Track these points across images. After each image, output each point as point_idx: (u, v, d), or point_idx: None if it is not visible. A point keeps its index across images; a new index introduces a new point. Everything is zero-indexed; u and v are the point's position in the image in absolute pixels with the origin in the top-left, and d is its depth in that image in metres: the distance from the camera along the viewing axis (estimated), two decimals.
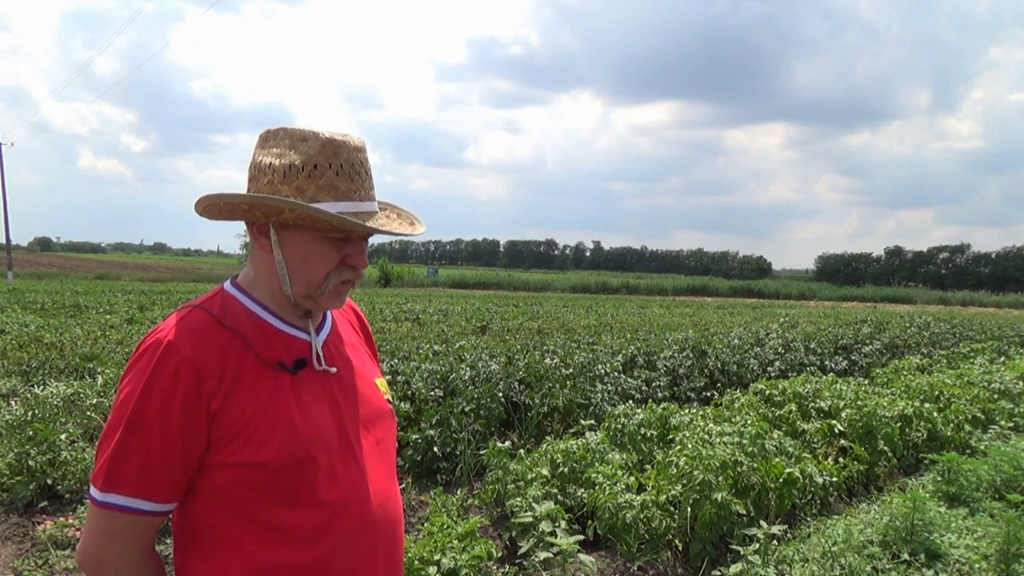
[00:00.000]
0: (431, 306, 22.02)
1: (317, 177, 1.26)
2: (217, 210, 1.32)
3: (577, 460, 4.69)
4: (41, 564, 3.93)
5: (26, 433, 5.08)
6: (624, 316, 20.93)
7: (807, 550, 3.99)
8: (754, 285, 71.90)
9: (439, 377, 6.61)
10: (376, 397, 1.48)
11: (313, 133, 1.28)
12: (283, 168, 1.26)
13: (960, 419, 6.28)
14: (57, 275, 47.59)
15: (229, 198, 1.27)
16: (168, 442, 1.20)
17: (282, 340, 1.35)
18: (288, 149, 1.28)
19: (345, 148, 1.28)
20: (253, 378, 1.27)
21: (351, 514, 1.31)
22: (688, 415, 5.67)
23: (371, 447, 1.40)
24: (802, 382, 7.14)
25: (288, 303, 1.37)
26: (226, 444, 1.23)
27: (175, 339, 1.24)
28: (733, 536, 4.04)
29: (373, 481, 1.37)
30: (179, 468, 1.23)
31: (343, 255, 1.32)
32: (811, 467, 4.82)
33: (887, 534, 4.12)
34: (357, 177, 1.29)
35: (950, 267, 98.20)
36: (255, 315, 1.35)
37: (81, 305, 18.51)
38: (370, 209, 1.31)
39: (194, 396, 1.21)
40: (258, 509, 1.25)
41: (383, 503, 1.38)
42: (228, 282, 1.40)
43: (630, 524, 3.98)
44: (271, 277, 1.35)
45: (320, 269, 1.31)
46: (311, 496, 1.27)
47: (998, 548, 3.79)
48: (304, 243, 1.29)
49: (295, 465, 1.25)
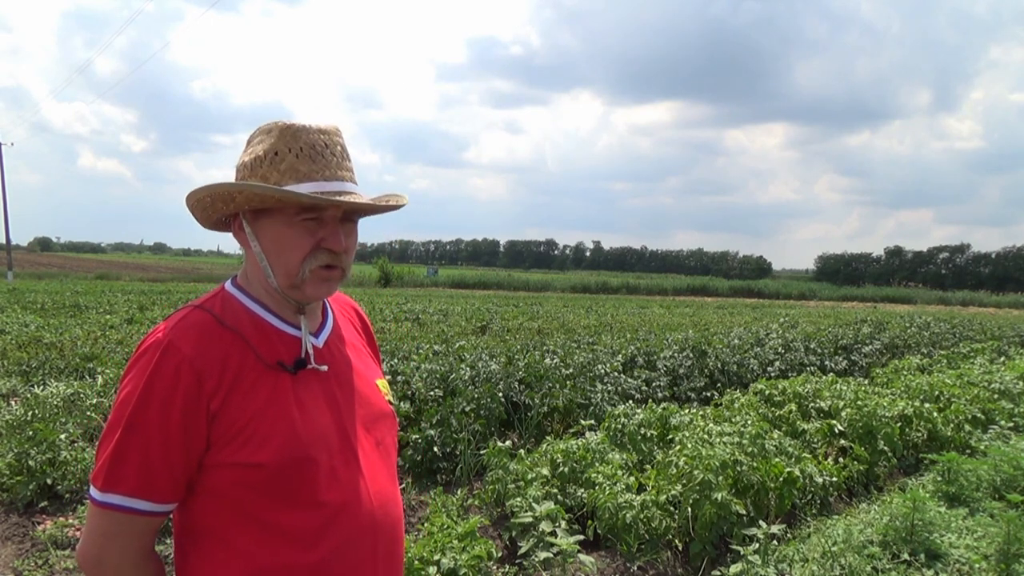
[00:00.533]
0: (431, 306, 22.02)
1: (278, 163, 1.26)
2: (202, 213, 1.33)
3: (577, 460, 4.69)
4: (41, 564, 3.93)
5: (26, 433, 5.08)
6: (624, 316, 20.93)
7: (807, 550, 3.99)
8: (754, 285, 71.91)
9: (439, 377, 6.61)
10: (377, 398, 1.47)
11: (276, 123, 1.29)
12: (251, 162, 1.29)
13: (960, 419, 6.28)
14: (57, 275, 47.60)
15: (197, 194, 1.29)
16: (168, 442, 1.20)
17: (282, 340, 1.35)
18: (257, 144, 1.30)
19: (304, 131, 1.28)
20: (253, 378, 1.27)
21: (351, 515, 1.30)
22: (688, 415, 5.66)
23: (371, 448, 1.40)
24: (802, 382, 7.14)
25: (281, 298, 1.36)
26: (226, 444, 1.23)
27: (176, 339, 1.24)
28: (733, 536, 4.04)
29: (373, 482, 1.36)
30: (179, 468, 1.23)
31: (318, 239, 1.30)
32: (811, 467, 4.82)
33: (887, 534, 4.12)
34: (320, 158, 1.28)
35: (950, 267, 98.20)
36: (255, 314, 1.35)
37: (81, 305, 18.51)
38: (338, 188, 1.28)
39: (194, 396, 1.21)
40: (258, 509, 1.25)
41: (383, 504, 1.38)
42: (229, 281, 1.41)
43: (630, 524, 3.98)
44: (258, 272, 1.35)
45: (295, 254, 1.29)
46: (311, 497, 1.26)
47: (998, 548, 3.79)
48: (275, 229, 1.29)
49: (295, 465, 1.25)
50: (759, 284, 73.90)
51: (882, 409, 5.96)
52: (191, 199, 1.31)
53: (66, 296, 22.41)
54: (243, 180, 1.29)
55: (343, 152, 1.33)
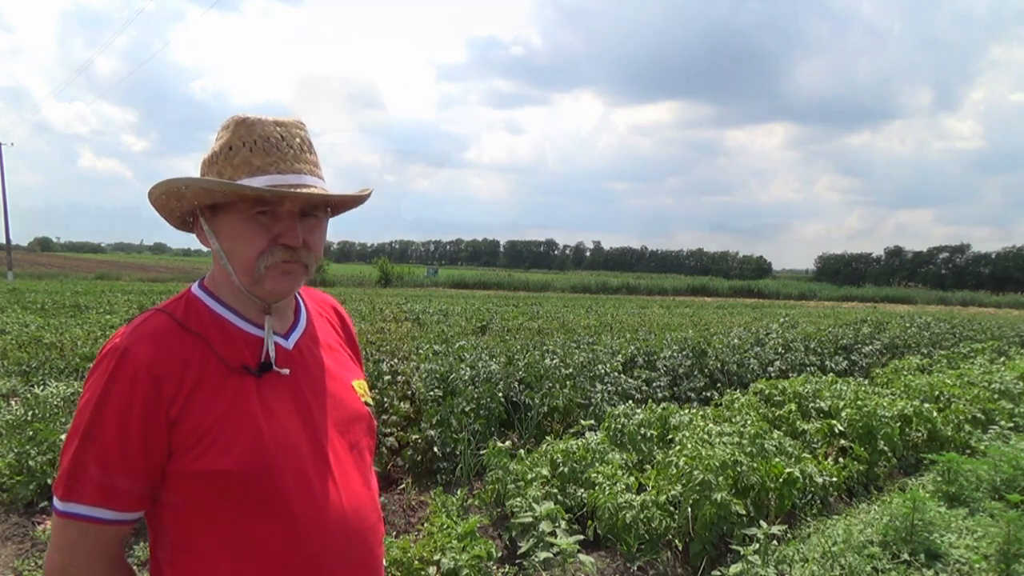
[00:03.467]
0: (431, 306, 22.01)
1: (232, 157, 1.24)
2: (164, 211, 1.31)
3: (577, 460, 4.69)
4: (41, 564, 3.93)
5: (26, 433, 5.09)
6: (624, 316, 20.92)
7: (807, 550, 3.99)
8: (754, 285, 71.89)
9: (439, 377, 6.61)
10: (352, 399, 1.43)
11: (232, 118, 1.27)
12: (209, 158, 1.28)
13: (960, 419, 6.28)
14: (57, 275, 47.59)
15: (154, 191, 1.26)
16: (126, 450, 1.18)
17: (248, 342, 1.31)
18: (216, 140, 1.29)
19: (260, 124, 1.26)
20: (216, 383, 1.24)
21: (324, 524, 1.27)
22: (688, 415, 5.67)
23: (345, 452, 1.36)
24: (802, 382, 7.14)
25: (246, 297, 1.33)
26: (187, 451, 1.20)
27: (132, 344, 1.21)
28: (733, 536, 4.04)
29: (346, 489, 1.33)
30: (139, 476, 1.20)
31: (274, 234, 1.26)
32: (811, 467, 4.82)
33: (887, 534, 4.12)
34: (275, 151, 1.25)
35: (950, 267, 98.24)
36: (219, 316, 1.31)
37: (81, 305, 18.50)
38: (295, 181, 1.25)
39: (153, 402, 1.18)
40: (227, 519, 1.22)
41: (357, 511, 1.34)
42: (196, 284, 1.38)
43: (630, 524, 3.98)
44: (222, 272, 1.32)
45: (250, 250, 1.26)
46: (282, 506, 1.23)
47: (998, 548, 3.79)
48: (230, 226, 1.26)
49: (262, 473, 1.22)
50: (759, 284, 73.89)
51: (882, 409, 5.96)
52: (151, 197, 1.28)
53: (66, 296, 22.40)
54: (202, 175, 1.27)
55: (302, 145, 1.29)
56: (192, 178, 1.22)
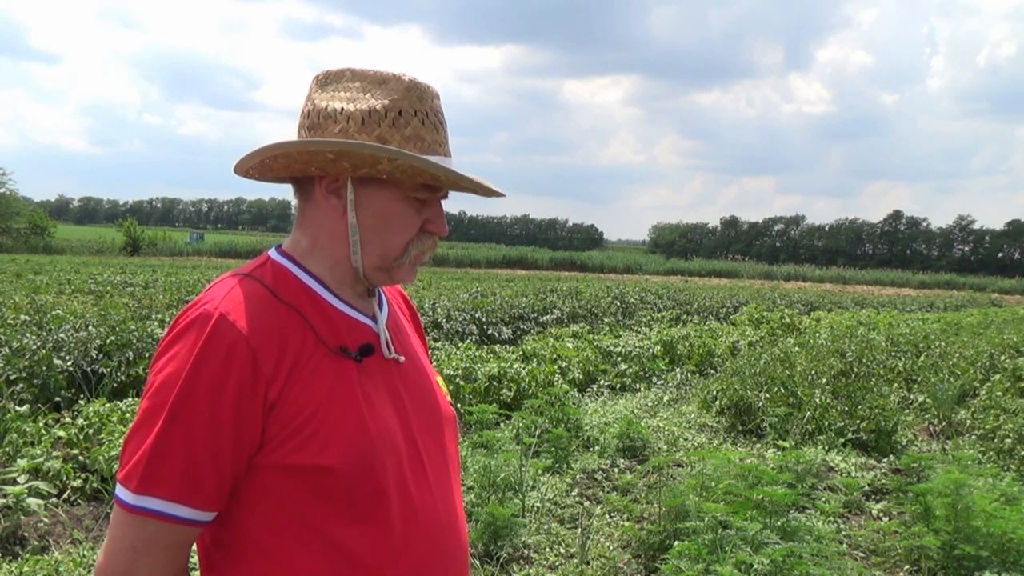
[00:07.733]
0: (136, 278, 21.62)
1: (403, 125, 1.22)
2: (281, 164, 1.25)
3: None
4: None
5: None
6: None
7: None
8: (578, 257, 75.99)
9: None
10: (440, 397, 1.43)
11: (393, 75, 1.25)
12: (360, 114, 1.22)
13: (543, 377, 8.04)
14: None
15: (307, 145, 1.20)
16: (217, 436, 1.12)
17: (345, 322, 1.28)
18: (362, 92, 1.25)
19: (428, 94, 1.26)
20: (315, 364, 1.20)
21: (423, 536, 1.25)
22: None
23: (438, 457, 1.35)
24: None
25: (350, 278, 1.31)
26: (283, 441, 1.16)
27: (228, 311, 1.16)
28: None
29: (444, 499, 1.32)
30: (227, 468, 1.15)
31: (423, 220, 1.28)
32: None
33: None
34: (442, 128, 1.27)
35: (784, 239, 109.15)
36: (312, 290, 1.27)
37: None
38: (451, 165, 1.26)
39: (250, 381, 1.14)
40: (323, 524, 1.18)
41: (454, 525, 1.34)
42: (274, 250, 1.34)
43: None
44: (336, 245, 1.28)
45: (402, 236, 1.26)
46: (382, 514, 1.20)
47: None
48: (385, 204, 1.24)
49: (366, 473, 1.18)
50: (583, 256, 78.20)
51: (478, 372, 7.69)
52: (295, 148, 1.21)
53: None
54: (343, 131, 1.22)
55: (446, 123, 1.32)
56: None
